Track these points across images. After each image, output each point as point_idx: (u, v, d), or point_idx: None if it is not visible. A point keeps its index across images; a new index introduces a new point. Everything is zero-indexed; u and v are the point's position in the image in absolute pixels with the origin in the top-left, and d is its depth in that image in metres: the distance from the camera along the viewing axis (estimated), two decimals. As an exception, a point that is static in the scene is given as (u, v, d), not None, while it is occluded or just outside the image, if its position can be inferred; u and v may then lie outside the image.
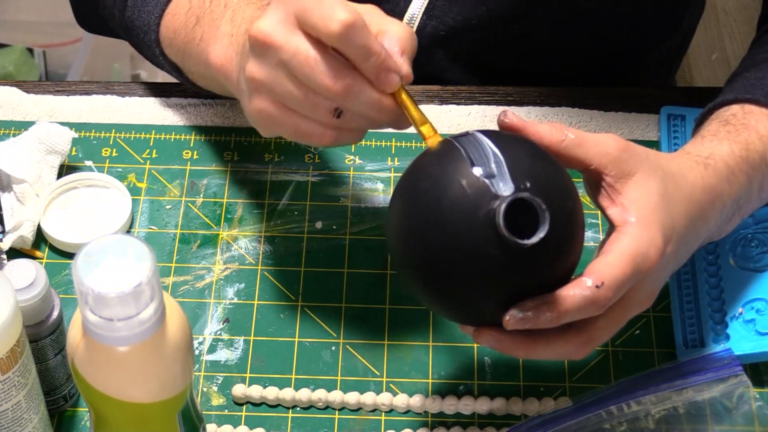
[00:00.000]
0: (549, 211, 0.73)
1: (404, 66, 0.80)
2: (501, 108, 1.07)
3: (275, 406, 0.89)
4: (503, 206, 0.72)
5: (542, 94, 1.08)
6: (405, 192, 0.78)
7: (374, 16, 0.81)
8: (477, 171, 0.74)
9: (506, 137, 0.78)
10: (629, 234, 0.77)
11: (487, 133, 0.77)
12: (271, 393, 0.88)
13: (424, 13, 1.07)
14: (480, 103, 1.08)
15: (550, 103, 1.08)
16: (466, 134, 0.77)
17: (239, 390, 0.88)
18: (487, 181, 0.74)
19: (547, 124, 0.80)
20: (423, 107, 1.07)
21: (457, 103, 1.08)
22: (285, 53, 0.78)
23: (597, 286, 0.75)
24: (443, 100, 1.08)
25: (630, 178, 0.79)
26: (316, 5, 0.77)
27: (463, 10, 1.07)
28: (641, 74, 1.17)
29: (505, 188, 0.74)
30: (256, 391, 0.88)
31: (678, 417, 0.86)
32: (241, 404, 0.89)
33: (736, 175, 0.85)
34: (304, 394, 0.88)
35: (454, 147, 0.76)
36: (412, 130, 1.06)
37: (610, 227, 0.81)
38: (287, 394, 0.88)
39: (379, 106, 0.80)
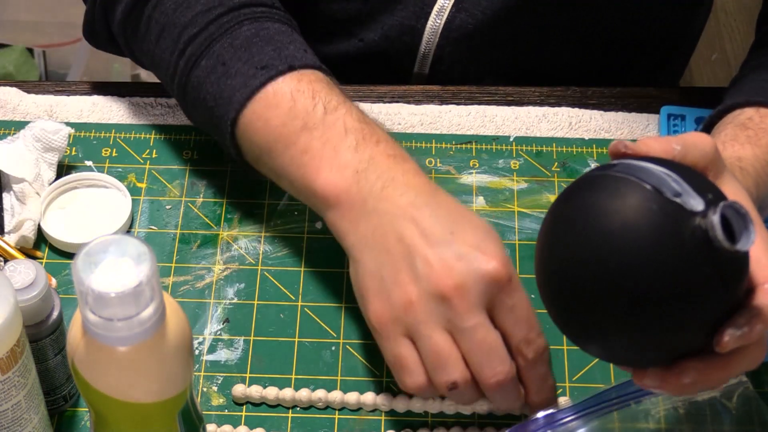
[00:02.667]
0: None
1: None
2: (501, 108, 1.07)
3: (275, 406, 0.89)
4: (716, 217, 0.69)
5: (542, 94, 1.08)
6: (585, 236, 0.72)
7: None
8: (664, 193, 0.71)
9: (651, 158, 0.74)
10: (758, 237, 0.75)
11: (635, 158, 0.74)
12: (271, 393, 0.88)
13: (453, 6, 1.07)
14: (480, 103, 1.08)
15: (550, 103, 1.08)
16: (615, 164, 0.74)
17: (239, 390, 0.88)
18: (678, 200, 0.70)
19: (654, 141, 0.77)
20: (423, 107, 1.07)
21: (457, 103, 1.08)
22: (466, 321, 0.79)
23: None
24: (443, 100, 1.08)
25: (722, 176, 0.78)
26: (524, 322, 0.81)
27: (492, 4, 1.07)
28: (655, 70, 1.18)
29: (696, 203, 0.70)
30: (256, 391, 0.88)
31: (678, 417, 0.86)
32: (241, 404, 0.89)
33: (762, 178, 0.85)
34: (304, 394, 0.88)
35: (620, 178, 0.72)
36: (413, 129, 1.06)
37: None
38: (287, 394, 0.88)
39: (515, 405, 0.84)
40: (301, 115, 0.89)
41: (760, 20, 1.06)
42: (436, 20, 1.07)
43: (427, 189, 0.85)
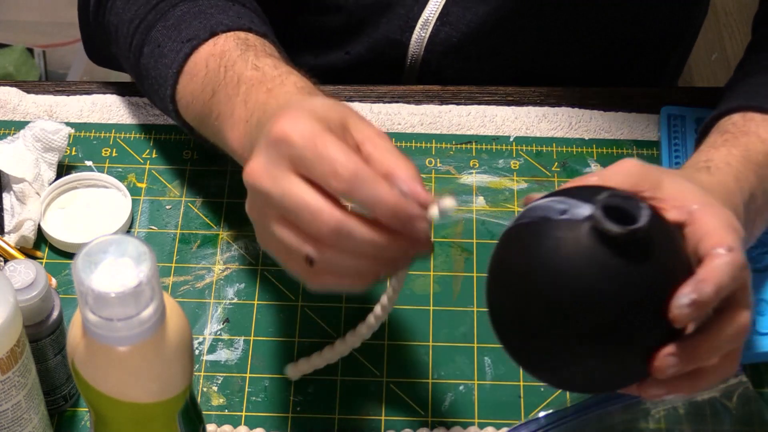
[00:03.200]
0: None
1: (430, 196, 0.75)
2: (501, 108, 1.07)
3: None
4: (599, 211, 0.70)
5: (542, 94, 1.08)
6: (510, 287, 0.74)
7: (379, 150, 0.76)
8: (551, 218, 0.72)
9: (558, 191, 0.75)
10: (707, 214, 0.75)
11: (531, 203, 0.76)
12: (322, 355, 0.87)
13: (437, 19, 1.07)
14: (480, 103, 1.08)
15: (550, 103, 1.08)
16: (515, 219, 0.76)
17: (293, 368, 0.87)
18: (565, 216, 0.72)
19: (571, 183, 0.78)
20: (423, 107, 1.07)
21: (457, 103, 1.08)
22: (273, 198, 0.75)
23: (729, 250, 0.73)
24: (443, 100, 1.08)
25: (661, 184, 0.77)
26: (316, 159, 0.73)
27: (477, 16, 1.07)
28: (650, 73, 1.17)
29: (583, 210, 0.71)
30: (304, 363, 0.88)
31: (678, 417, 0.86)
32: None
33: (742, 172, 0.85)
34: (349, 341, 0.86)
35: (520, 225, 0.74)
36: (413, 129, 1.06)
37: None
38: (338, 347, 0.86)
39: (374, 246, 0.74)
40: (212, 80, 0.88)
41: (756, 21, 1.06)
42: (420, 34, 1.08)
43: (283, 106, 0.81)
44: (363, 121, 0.77)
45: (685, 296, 0.71)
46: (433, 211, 0.74)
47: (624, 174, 0.77)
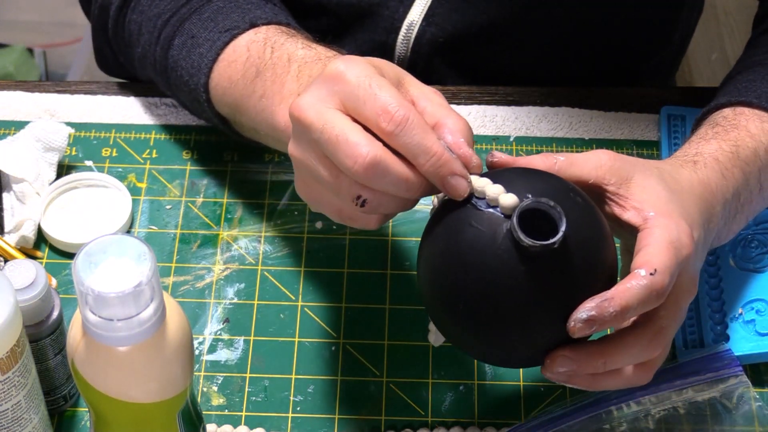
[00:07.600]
0: (561, 207, 0.72)
1: (474, 156, 0.76)
2: (501, 108, 1.07)
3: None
4: (514, 218, 0.72)
5: (542, 94, 1.08)
6: (428, 262, 0.77)
7: (433, 105, 0.77)
8: (479, 206, 0.74)
9: (497, 172, 0.77)
10: (657, 226, 0.77)
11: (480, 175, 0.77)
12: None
13: (423, 20, 1.07)
14: (480, 103, 1.08)
15: (550, 103, 1.08)
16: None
17: (432, 335, 0.86)
18: (491, 210, 0.74)
19: (537, 155, 0.79)
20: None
21: (457, 103, 1.08)
22: (314, 131, 0.74)
23: (651, 274, 0.74)
24: (443, 100, 1.08)
25: (630, 181, 0.79)
26: (368, 97, 0.74)
27: (463, 18, 1.07)
28: (641, 76, 1.17)
29: (510, 201, 0.73)
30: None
31: (678, 417, 0.86)
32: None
33: (729, 169, 0.85)
34: None
35: (451, 200, 0.76)
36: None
37: (623, 244, 0.81)
38: None
39: (407, 185, 0.75)
40: (255, 63, 0.88)
41: (757, 19, 1.07)
42: (406, 35, 1.08)
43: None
44: (417, 81, 0.78)
45: (584, 311, 0.73)
46: (477, 183, 0.75)
47: (593, 164, 0.79)
